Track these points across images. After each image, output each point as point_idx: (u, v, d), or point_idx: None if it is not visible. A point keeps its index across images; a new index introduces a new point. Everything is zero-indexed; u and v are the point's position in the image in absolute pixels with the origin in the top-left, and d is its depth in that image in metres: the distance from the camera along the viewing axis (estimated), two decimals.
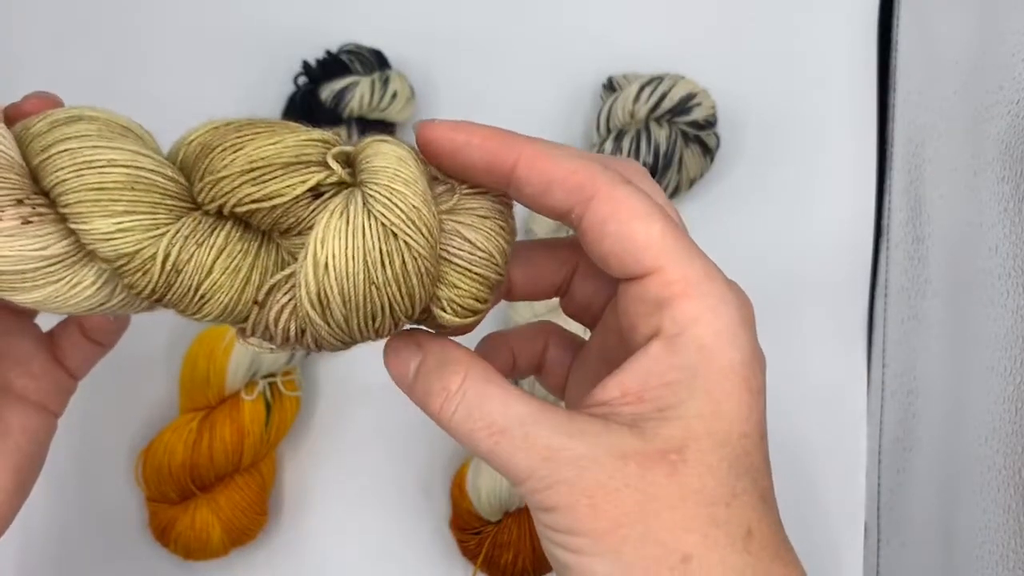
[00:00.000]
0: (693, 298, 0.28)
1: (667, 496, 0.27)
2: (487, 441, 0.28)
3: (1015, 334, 0.48)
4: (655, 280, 0.28)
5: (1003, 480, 0.48)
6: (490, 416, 0.28)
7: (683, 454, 0.27)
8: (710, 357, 0.28)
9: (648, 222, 0.28)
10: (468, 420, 0.28)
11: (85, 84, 0.62)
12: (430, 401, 0.30)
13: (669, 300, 0.28)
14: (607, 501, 0.27)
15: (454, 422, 0.29)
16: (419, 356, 0.30)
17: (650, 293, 0.28)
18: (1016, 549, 0.46)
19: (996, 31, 0.53)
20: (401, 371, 0.31)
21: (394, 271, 0.27)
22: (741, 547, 0.27)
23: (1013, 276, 0.48)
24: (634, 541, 0.27)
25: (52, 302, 0.28)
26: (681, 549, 0.27)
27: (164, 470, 0.54)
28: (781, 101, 0.64)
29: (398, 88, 0.58)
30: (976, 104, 0.54)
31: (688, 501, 0.27)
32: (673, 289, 0.28)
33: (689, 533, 0.27)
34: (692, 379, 0.28)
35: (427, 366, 0.30)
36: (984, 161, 0.52)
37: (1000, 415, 0.48)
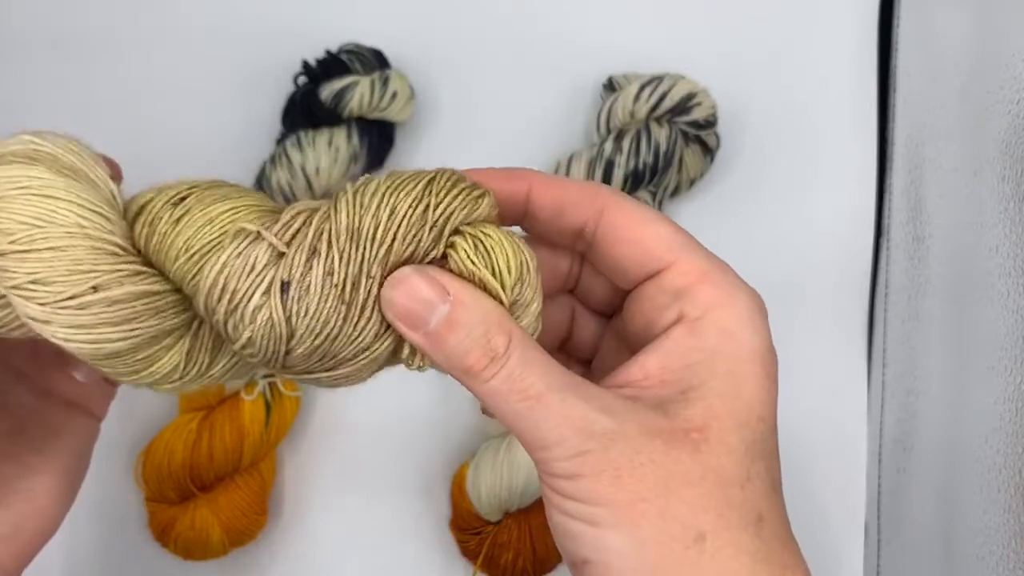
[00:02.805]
0: (711, 285, 0.29)
1: (688, 473, 0.28)
2: (519, 404, 0.28)
3: (1015, 334, 0.48)
4: (672, 272, 0.30)
5: (1003, 480, 0.48)
6: (528, 381, 0.28)
7: (705, 433, 0.28)
8: (732, 339, 0.29)
9: (657, 224, 0.30)
10: (507, 382, 0.28)
11: (85, 84, 0.62)
12: (468, 358, 0.28)
13: (687, 288, 0.29)
14: (631, 475, 0.27)
15: (490, 386, 0.28)
16: (447, 301, 0.28)
17: (668, 284, 0.30)
18: (1016, 549, 0.46)
19: (996, 31, 0.53)
20: (416, 311, 0.28)
21: None
22: (753, 531, 0.28)
23: (1013, 276, 0.48)
24: (652, 516, 0.27)
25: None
26: (696, 527, 0.27)
27: (164, 470, 0.54)
28: (781, 101, 0.64)
29: (398, 88, 0.58)
30: (976, 104, 0.54)
31: (707, 480, 0.28)
32: (691, 278, 0.29)
33: (705, 512, 0.27)
34: (713, 360, 0.29)
35: (462, 317, 0.28)
36: (984, 161, 0.52)
37: (1000, 415, 0.48)
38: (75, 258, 0.27)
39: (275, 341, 0.28)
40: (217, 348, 0.30)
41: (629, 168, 0.57)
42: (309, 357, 0.28)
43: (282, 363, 0.28)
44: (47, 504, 0.35)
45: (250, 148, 0.60)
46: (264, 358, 0.28)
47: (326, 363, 0.28)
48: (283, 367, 0.29)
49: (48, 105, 0.61)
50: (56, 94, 0.62)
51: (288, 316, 0.27)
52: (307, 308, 0.27)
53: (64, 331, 0.27)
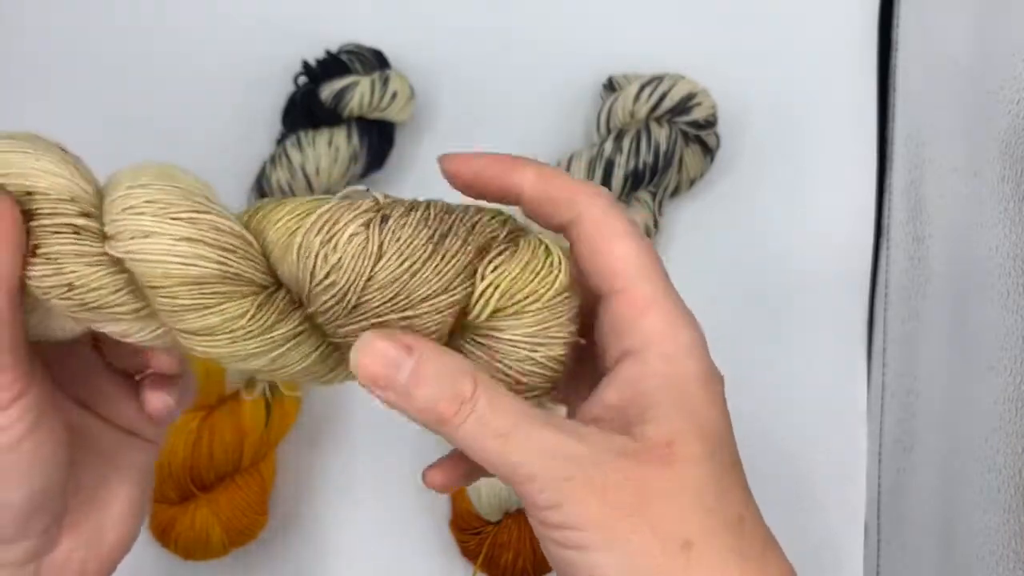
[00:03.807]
0: (652, 315, 0.31)
1: (663, 487, 0.29)
2: (494, 443, 0.29)
3: (1015, 334, 0.48)
4: (621, 299, 0.31)
5: (1003, 480, 0.48)
6: (498, 420, 0.29)
7: (672, 448, 0.29)
8: (674, 365, 0.30)
9: (617, 242, 0.31)
10: (479, 425, 0.29)
11: (85, 84, 0.62)
12: (439, 408, 0.29)
13: (634, 319, 0.31)
14: (613, 494, 0.28)
15: (463, 430, 0.29)
16: (412, 358, 0.30)
17: (618, 312, 0.31)
18: (1016, 549, 0.46)
19: (996, 31, 0.53)
20: (385, 372, 0.30)
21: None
22: (736, 532, 0.29)
23: (1013, 276, 0.48)
24: (639, 531, 0.28)
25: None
26: (682, 535, 0.29)
27: (164, 470, 0.54)
28: (781, 101, 0.64)
29: (398, 88, 0.58)
30: (976, 104, 0.54)
31: (684, 491, 0.29)
32: (636, 308, 0.31)
33: (687, 522, 0.29)
34: (664, 386, 0.30)
35: (427, 370, 0.30)
36: (984, 161, 0.52)
37: (1000, 415, 0.48)
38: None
39: (363, 261, 0.30)
40: (287, 311, 0.31)
41: (629, 168, 0.57)
42: (386, 290, 0.30)
43: (357, 298, 0.30)
44: (126, 514, 0.36)
45: (250, 148, 0.60)
46: (342, 290, 0.30)
47: (398, 302, 0.30)
48: (354, 308, 0.30)
49: (48, 105, 0.61)
50: (56, 94, 0.62)
51: (382, 241, 0.30)
52: (400, 236, 0.30)
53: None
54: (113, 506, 0.36)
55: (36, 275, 0.30)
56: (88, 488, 0.36)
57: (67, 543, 0.35)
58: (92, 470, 0.36)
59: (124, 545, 0.37)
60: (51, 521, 0.34)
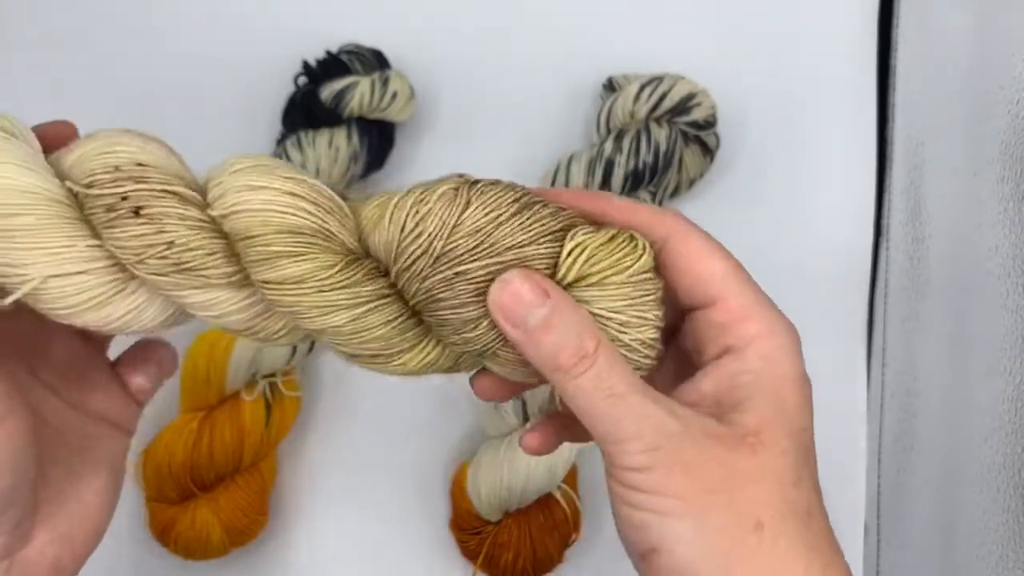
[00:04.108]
0: (755, 320, 0.33)
1: (748, 472, 0.31)
2: (603, 402, 0.31)
3: (1015, 334, 0.48)
4: (720, 308, 0.33)
5: (1003, 480, 0.48)
6: (612, 380, 0.31)
7: (760, 437, 0.32)
8: (772, 364, 0.33)
9: (713, 259, 0.34)
10: (595, 382, 0.31)
11: (85, 84, 0.62)
12: (560, 355, 0.31)
13: (733, 323, 0.33)
14: (699, 470, 0.31)
15: (579, 382, 0.31)
16: (546, 305, 0.31)
17: (716, 318, 0.33)
18: (1016, 549, 0.46)
19: (996, 31, 0.53)
20: (519, 311, 0.31)
21: None
22: (803, 524, 0.31)
23: (1013, 276, 0.48)
24: (718, 507, 0.31)
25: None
26: (756, 517, 0.31)
27: (164, 470, 0.54)
28: (781, 101, 0.64)
29: (398, 88, 0.58)
30: (976, 104, 0.54)
31: (765, 478, 0.31)
32: (734, 314, 0.33)
33: (763, 505, 0.31)
34: (758, 381, 0.33)
35: (558, 319, 0.31)
36: (984, 161, 0.52)
37: (1000, 415, 0.48)
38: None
39: (450, 210, 0.32)
40: (373, 275, 0.33)
41: (629, 168, 0.57)
42: (471, 237, 0.31)
43: (443, 244, 0.32)
44: (97, 506, 0.36)
45: (250, 148, 0.60)
46: (429, 237, 0.32)
47: (482, 250, 0.32)
48: (439, 256, 0.32)
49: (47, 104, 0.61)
50: (55, 93, 0.62)
51: (469, 197, 0.32)
52: (487, 193, 0.32)
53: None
54: (85, 499, 0.36)
55: (136, 234, 0.31)
56: (59, 482, 0.36)
57: (40, 538, 0.34)
58: (63, 464, 0.36)
59: (96, 538, 0.37)
60: (22, 517, 0.34)
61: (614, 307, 0.32)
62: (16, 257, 0.31)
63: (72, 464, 0.36)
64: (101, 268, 0.32)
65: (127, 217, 0.31)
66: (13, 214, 0.30)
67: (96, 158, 0.32)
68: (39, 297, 0.31)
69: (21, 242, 0.31)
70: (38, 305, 0.32)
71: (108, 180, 0.31)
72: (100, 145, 0.32)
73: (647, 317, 0.33)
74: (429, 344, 0.34)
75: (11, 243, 0.30)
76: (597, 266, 0.32)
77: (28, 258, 0.31)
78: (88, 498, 0.36)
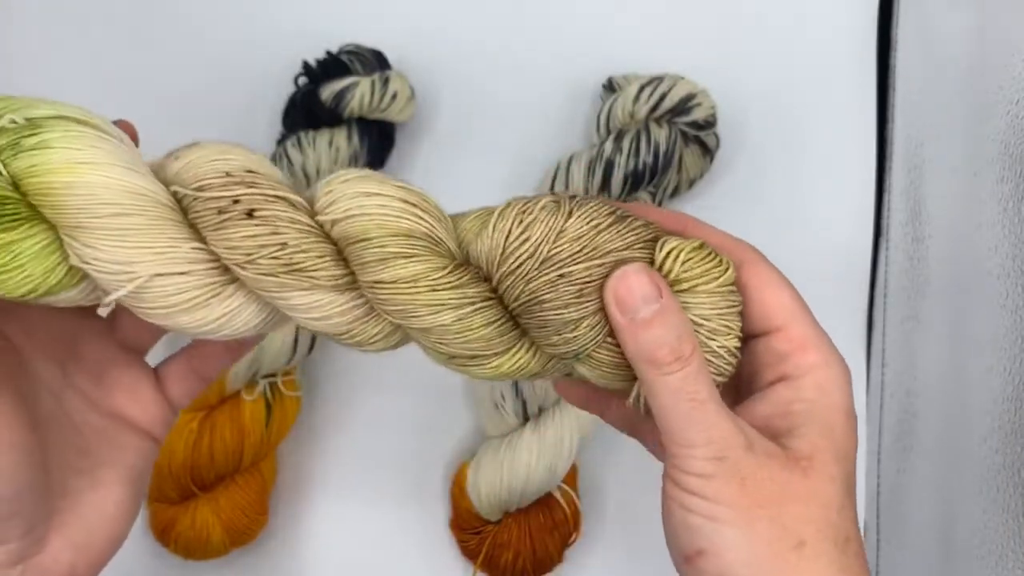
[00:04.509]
0: (813, 351, 0.35)
1: (797, 493, 0.33)
2: (685, 403, 0.33)
3: (1014, 334, 0.48)
4: (781, 336, 0.36)
5: (1002, 480, 0.48)
6: (698, 386, 0.33)
7: (812, 462, 0.34)
8: (826, 395, 0.35)
9: (780, 290, 0.36)
10: (684, 382, 0.33)
11: (85, 84, 0.62)
12: (659, 351, 0.33)
13: (791, 352, 0.35)
14: (754, 485, 0.33)
15: (669, 380, 0.33)
16: (659, 302, 0.33)
17: (776, 346, 0.36)
18: (1016, 549, 0.46)
19: (996, 31, 0.53)
20: (632, 301, 0.33)
21: None
22: (842, 549, 0.33)
23: (1012, 276, 0.49)
24: (766, 521, 0.33)
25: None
26: (799, 535, 0.33)
27: (164, 470, 0.54)
28: (781, 101, 0.64)
29: (398, 88, 0.58)
30: (976, 104, 0.54)
31: (812, 500, 0.33)
32: (794, 343, 0.35)
33: (808, 526, 0.33)
34: (812, 410, 0.35)
35: (665, 318, 0.33)
36: (984, 161, 0.52)
37: (1000, 415, 0.49)
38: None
39: (555, 218, 0.34)
40: (476, 279, 0.35)
41: (629, 168, 0.57)
42: (575, 242, 0.34)
43: (549, 248, 0.34)
44: (115, 515, 0.37)
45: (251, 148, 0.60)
46: (536, 241, 0.34)
47: (585, 253, 0.34)
48: (545, 259, 0.34)
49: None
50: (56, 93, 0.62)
51: (571, 208, 0.34)
52: (585, 206, 0.34)
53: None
54: (105, 509, 0.36)
55: (249, 235, 0.33)
56: (79, 490, 0.36)
57: (55, 545, 0.35)
58: (86, 474, 0.36)
59: (114, 547, 0.37)
60: (33, 525, 0.34)
61: (704, 314, 0.35)
62: (125, 255, 0.32)
63: (94, 474, 0.36)
64: (202, 270, 0.33)
65: (239, 219, 0.33)
66: (124, 213, 0.32)
67: (206, 164, 0.33)
68: (141, 296, 0.32)
69: (130, 240, 0.32)
70: (137, 304, 0.33)
71: (219, 184, 0.33)
72: (209, 153, 0.34)
73: (731, 327, 0.35)
74: (522, 348, 0.36)
75: (121, 241, 0.32)
76: (689, 272, 0.35)
77: (136, 256, 0.32)
78: (108, 508, 0.37)
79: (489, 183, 0.62)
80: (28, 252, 0.32)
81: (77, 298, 0.33)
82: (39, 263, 0.32)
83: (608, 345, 0.35)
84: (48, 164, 0.31)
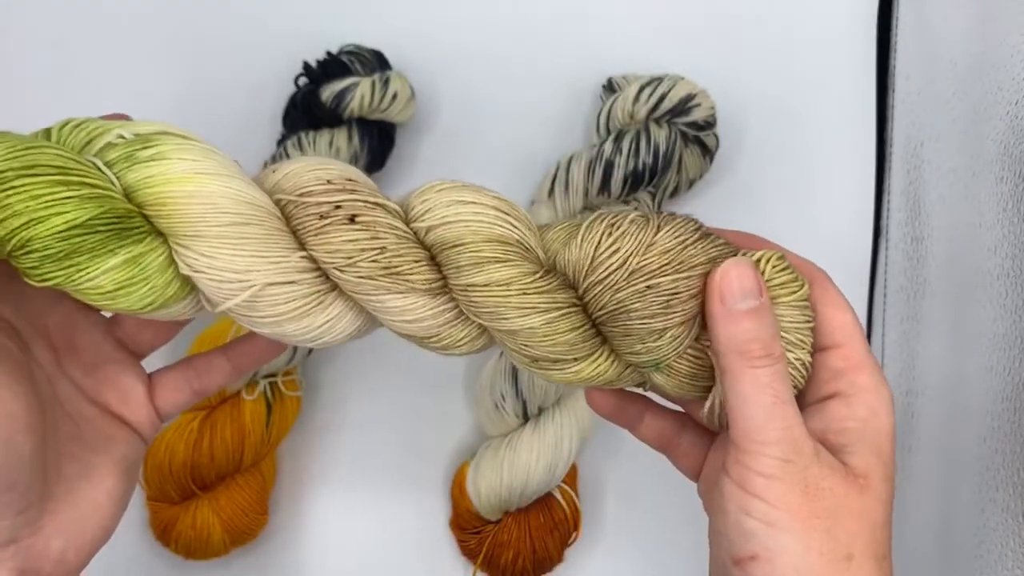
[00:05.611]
0: (866, 372, 0.36)
1: (852, 508, 0.34)
2: (768, 399, 0.34)
3: (1013, 334, 0.48)
4: (837, 353, 0.37)
5: (1001, 479, 0.48)
6: (780, 386, 0.34)
7: (867, 480, 0.35)
8: (876, 418, 0.36)
9: (843, 311, 0.37)
10: (769, 379, 0.34)
11: (85, 84, 0.62)
12: (752, 344, 0.34)
13: (846, 370, 0.36)
14: (815, 495, 0.34)
15: (756, 373, 0.34)
16: (758, 300, 0.35)
17: (832, 363, 0.37)
18: (1015, 549, 0.46)
19: (995, 32, 0.53)
20: (732, 292, 0.35)
21: None
22: (880, 565, 0.35)
23: (1012, 276, 0.49)
24: (821, 531, 0.34)
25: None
26: (848, 548, 0.34)
27: (165, 469, 0.54)
28: (781, 102, 0.64)
29: (398, 89, 0.58)
30: (975, 105, 0.54)
31: (863, 517, 0.35)
32: (851, 363, 0.37)
33: (857, 539, 0.34)
34: (864, 430, 0.36)
35: (762, 316, 0.35)
36: (983, 162, 0.52)
37: (999, 415, 0.49)
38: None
39: (645, 232, 0.35)
40: (563, 286, 0.36)
41: (628, 169, 0.57)
42: (663, 256, 0.35)
43: (638, 260, 0.35)
44: (106, 505, 0.37)
45: (251, 149, 0.61)
46: (625, 253, 0.35)
47: (672, 266, 0.35)
48: (634, 270, 0.35)
49: (47, 106, 0.61)
50: (55, 95, 0.62)
51: (659, 223, 0.36)
52: (672, 222, 0.36)
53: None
54: (96, 498, 0.37)
55: (349, 239, 0.34)
56: (72, 478, 0.36)
57: (47, 529, 0.35)
58: (78, 460, 0.36)
59: (104, 537, 0.37)
60: (28, 504, 0.34)
61: (784, 326, 0.36)
62: (242, 263, 0.33)
63: (87, 461, 0.37)
64: (309, 279, 0.35)
65: (341, 223, 0.34)
66: (244, 223, 0.33)
67: (307, 173, 0.35)
68: (253, 304, 0.34)
69: (247, 249, 0.33)
70: (247, 313, 0.34)
71: (321, 190, 0.34)
72: (309, 164, 0.35)
73: (806, 340, 0.36)
74: (603, 355, 0.37)
75: (239, 250, 0.33)
76: (773, 282, 0.36)
77: (252, 264, 0.33)
78: (99, 498, 0.37)
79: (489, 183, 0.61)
80: (153, 265, 0.33)
81: (182, 311, 0.35)
82: (161, 275, 0.33)
83: (688, 356, 0.37)
84: (167, 174, 0.32)
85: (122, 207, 0.32)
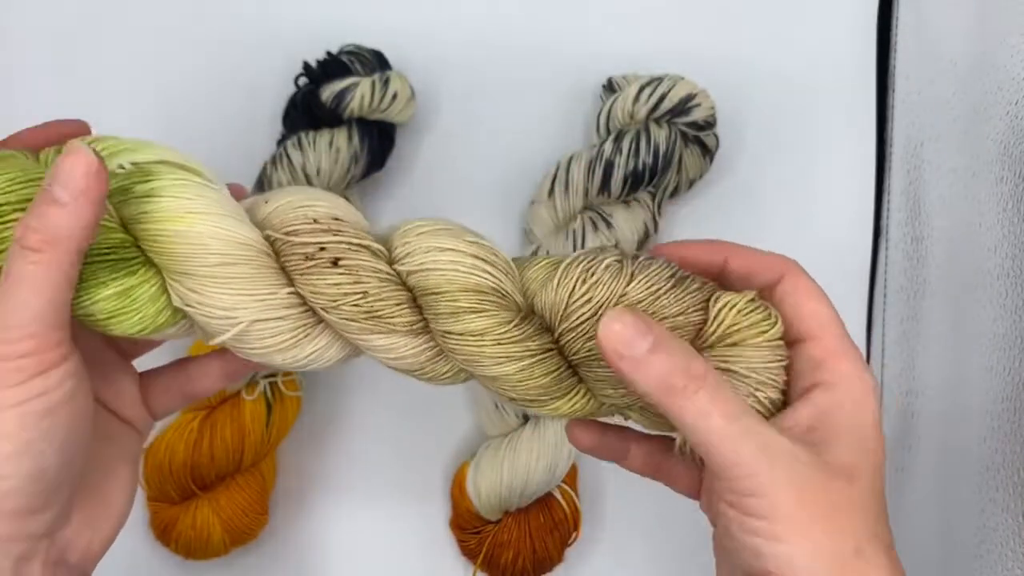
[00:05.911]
0: (846, 361, 0.36)
1: (847, 502, 0.34)
2: (720, 421, 0.33)
3: (1013, 334, 0.48)
4: (816, 344, 0.36)
5: (1001, 479, 0.48)
6: (724, 402, 0.33)
7: (854, 472, 0.34)
8: (860, 408, 0.35)
9: (818, 302, 0.37)
10: (709, 400, 0.33)
11: (85, 84, 0.62)
12: (671, 376, 0.33)
13: (827, 359, 0.36)
14: (810, 496, 0.33)
15: (694, 401, 0.33)
16: (651, 336, 0.33)
17: (811, 353, 0.36)
18: (1015, 549, 0.46)
19: (995, 32, 0.53)
20: (627, 340, 0.33)
21: None
22: (888, 553, 0.34)
23: (1012, 276, 0.49)
24: (827, 532, 0.33)
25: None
26: (856, 543, 0.33)
27: (165, 469, 0.54)
28: (781, 102, 0.64)
29: (399, 89, 0.58)
30: (975, 105, 0.54)
31: (861, 509, 0.34)
32: (831, 351, 0.36)
33: (860, 533, 0.34)
34: (848, 421, 0.35)
35: (664, 346, 0.34)
36: (983, 162, 0.52)
37: (999, 415, 0.49)
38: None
39: (618, 281, 0.35)
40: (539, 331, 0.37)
41: (628, 169, 0.57)
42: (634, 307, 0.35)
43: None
44: (120, 498, 0.38)
45: (251, 149, 0.61)
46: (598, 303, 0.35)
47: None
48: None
49: (47, 106, 0.61)
50: (55, 95, 0.62)
51: (633, 271, 0.36)
52: (648, 269, 0.36)
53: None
54: (112, 490, 0.38)
55: (333, 283, 0.35)
56: (95, 470, 0.37)
57: (76, 520, 0.36)
58: (98, 453, 0.37)
59: (118, 527, 0.39)
60: (70, 495, 0.35)
61: (753, 367, 0.36)
62: (229, 301, 0.34)
63: (101, 454, 0.37)
64: (295, 314, 0.35)
65: (325, 267, 0.35)
66: (231, 263, 0.34)
67: (294, 210, 0.35)
68: (241, 339, 0.35)
69: (234, 288, 0.34)
70: (237, 345, 0.35)
71: (307, 230, 0.35)
72: (298, 199, 0.36)
73: (776, 380, 0.36)
74: (579, 393, 0.38)
75: (226, 289, 0.34)
76: (740, 324, 0.35)
77: (239, 303, 0.34)
78: (114, 490, 0.38)
79: (489, 183, 0.62)
80: (144, 296, 0.34)
81: (176, 334, 0.36)
82: (152, 305, 0.34)
83: None
84: (160, 212, 0.33)
85: (116, 237, 0.33)
